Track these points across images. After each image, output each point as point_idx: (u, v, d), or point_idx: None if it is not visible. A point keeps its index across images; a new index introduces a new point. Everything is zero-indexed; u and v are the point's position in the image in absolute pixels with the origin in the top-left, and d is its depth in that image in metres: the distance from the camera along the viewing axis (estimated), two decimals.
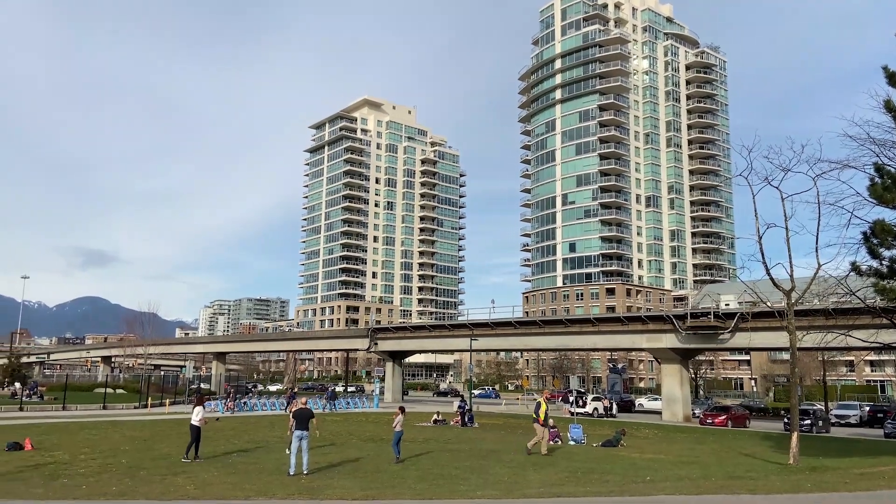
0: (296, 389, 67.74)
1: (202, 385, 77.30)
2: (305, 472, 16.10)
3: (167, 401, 48.90)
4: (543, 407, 22.39)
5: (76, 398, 48.57)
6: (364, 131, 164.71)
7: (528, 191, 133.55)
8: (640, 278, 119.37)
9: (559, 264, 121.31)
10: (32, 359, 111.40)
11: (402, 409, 20.39)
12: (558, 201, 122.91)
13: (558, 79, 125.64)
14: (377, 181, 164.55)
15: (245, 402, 47.73)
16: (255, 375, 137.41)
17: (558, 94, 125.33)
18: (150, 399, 48.65)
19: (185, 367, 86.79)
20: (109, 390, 52.77)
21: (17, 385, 56.21)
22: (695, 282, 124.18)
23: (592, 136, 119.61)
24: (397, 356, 70.65)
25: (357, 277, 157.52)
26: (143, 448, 21.74)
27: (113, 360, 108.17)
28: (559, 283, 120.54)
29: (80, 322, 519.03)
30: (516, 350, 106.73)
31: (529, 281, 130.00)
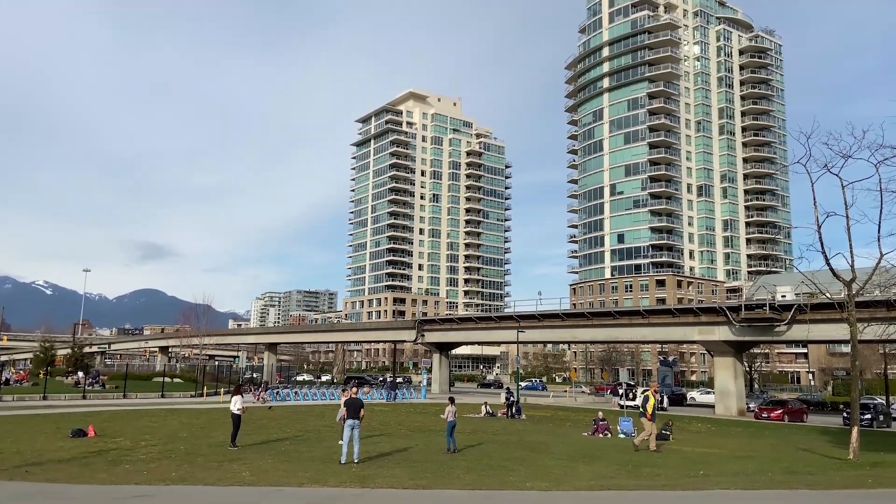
0: (353, 378, 68.38)
1: (255, 375, 79.10)
2: (356, 461, 16.30)
3: (221, 390, 50.24)
4: (651, 401, 21.75)
5: (136, 387, 50.35)
6: (409, 124, 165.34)
7: (574, 181, 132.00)
8: (691, 269, 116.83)
9: (607, 255, 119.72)
10: (94, 349, 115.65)
11: (451, 400, 20.45)
12: (606, 192, 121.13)
13: (606, 67, 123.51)
14: (423, 174, 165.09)
15: (278, 392, 48.36)
16: (306, 366, 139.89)
17: (606, 83, 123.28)
18: (205, 388, 50.11)
19: (238, 357, 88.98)
20: (167, 379, 54.45)
21: (80, 374, 58.46)
22: (749, 273, 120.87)
23: (641, 124, 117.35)
24: (444, 348, 70.95)
25: (403, 270, 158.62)
26: (199, 435, 22.40)
27: (170, 350, 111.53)
28: (607, 274, 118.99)
29: (138, 313, 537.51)
30: (564, 342, 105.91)
31: (576, 273, 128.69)
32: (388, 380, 60.05)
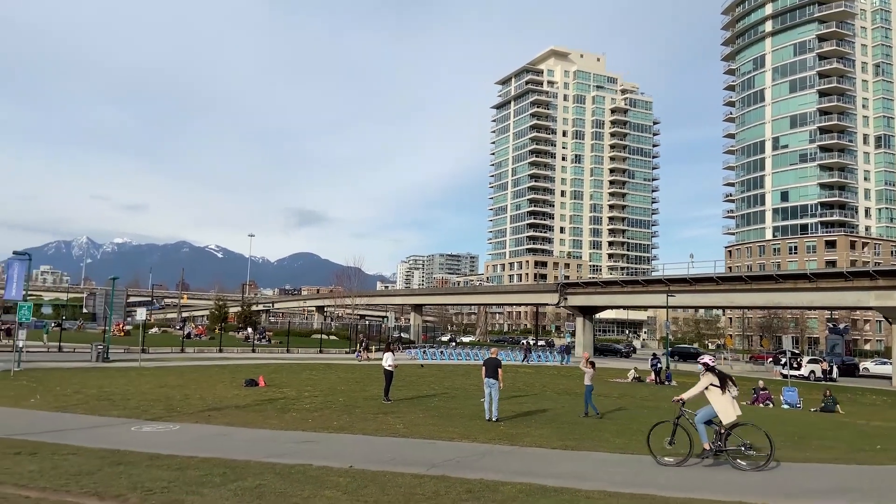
0: (531, 341, 68.44)
1: (402, 335, 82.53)
2: (495, 419, 16.56)
3: (373, 347, 52.95)
4: None
5: (297, 342, 54.41)
6: (550, 83, 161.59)
7: (731, 136, 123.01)
8: (866, 229, 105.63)
9: (768, 215, 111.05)
10: (260, 307, 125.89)
11: (592, 364, 19.92)
12: (768, 146, 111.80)
13: (769, 9, 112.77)
14: (564, 134, 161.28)
15: (425, 351, 49.94)
16: (449, 327, 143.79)
17: (768, 27, 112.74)
18: (358, 345, 53.03)
19: (386, 317, 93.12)
20: (323, 336, 58.27)
21: (250, 330, 64.05)
22: None
23: (809, 70, 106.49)
24: (587, 311, 69.78)
25: (545, 233, 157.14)
26: (356, 389, 23.75)
27: (325, 309, 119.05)
28: (768, 235, 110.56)
29: (296, 275, 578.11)
30: (718, 307, 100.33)
31: (733, 234, 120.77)
32: (525, 342, 60.21)
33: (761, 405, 25.71)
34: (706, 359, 11.93)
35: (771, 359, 56.56)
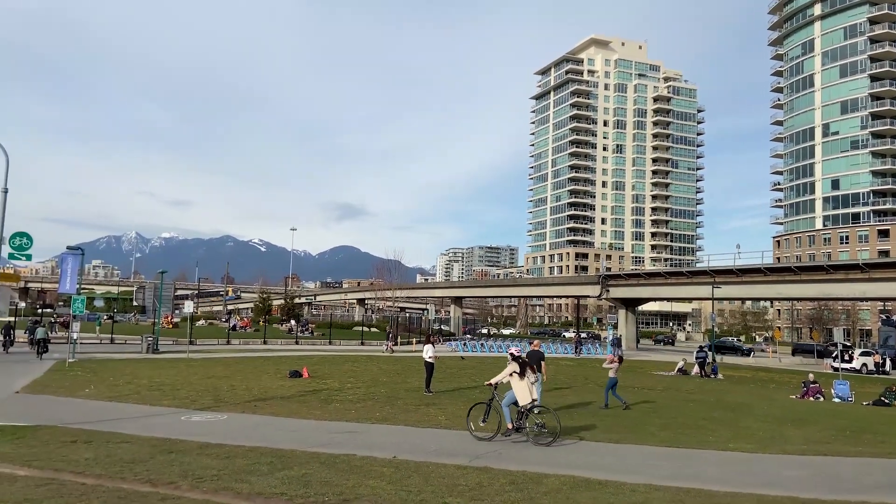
0: (582, 335, 68.14)
1: (442, 327, 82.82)
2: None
3: (413, 340, 53.26)
4: None
5: (338, 335, 55.08)
6: (591, 72, 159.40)
7: (779, 123, 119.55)
8: None
9: (818, 204, 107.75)
10: (302, 300, 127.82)
11: (620, 359, 20.24)
12: (817, 133, 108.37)
13: None
14: (605, 124, 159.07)
15: (465, 343, 49.88)
16: (489, 319, 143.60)
17: (818, 10, 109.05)
18: (398, 338, 53.39)
19: (427, 309, 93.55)
20: (365, 329, 58.83)
21: (293, 322, 65.07)
22: None
23: (861, 54, 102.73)
24: (630, 304, 68.89)
25: (585, 224, 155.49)
26: (397, 381, 23.93)
27: (366, 302, 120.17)
28: (818, 225, 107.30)
29: (337, 268, 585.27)
30: (765, 299, 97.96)
31: (781, 223, 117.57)
32: (577, 334, 59.69)
33: (811, 399, 25.02)
34: (512, 349, 13.60)
35: (818, 352, 55.04)
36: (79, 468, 9.20)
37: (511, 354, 12.98)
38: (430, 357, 20.56)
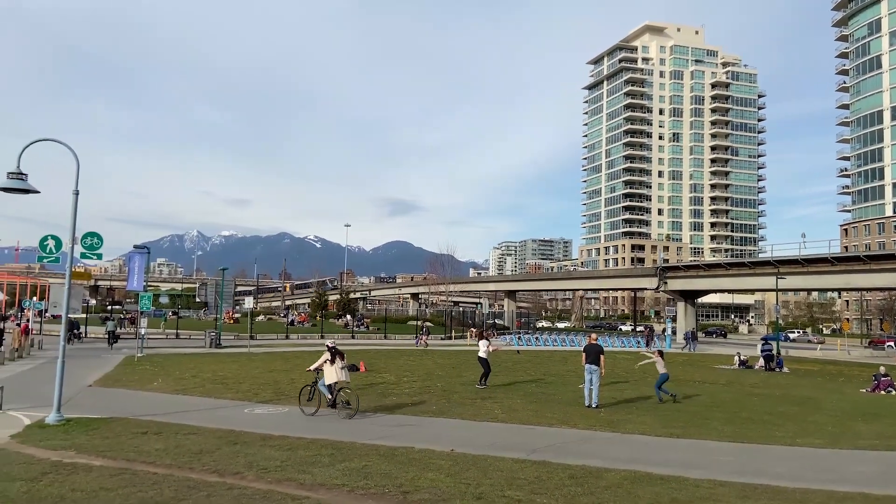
0: (652, 326, 66.87)
1: (496, 321, 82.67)
2: (595, 406, 16.34)
3: (468, 333, 53.31)
4: None
5: (393, 329, 55.61)
6: (645, 60, 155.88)
7: (845, 106, 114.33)
8: None
9: (888, 190, 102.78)
10: (357, 295, 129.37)
11: (660, 353, 19.80)
12: (886, 116, 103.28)
13: None
14: (661, 112, 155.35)
15: (520, 337, 49.50)
16: (543, 313, 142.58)
17: None
18: (453, 332, 53.56)
19: (480, 303, 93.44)
20: (419, 323, 59.22)
21: (349, 317, 66.04)
22: None
23: None
24: (689, 296, 67.23)
25: (641, 215, 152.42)
26: (452, 374, 24.02)
27: (420, 296, 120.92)
28: (888, 212, 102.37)
29: (391, 263, 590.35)
30: (833, 289, 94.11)
31: (848, 211, 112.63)
32: (648, 327, 58.52)
33: (882, 392, 23.93)
34: (328, 342, 15.77)
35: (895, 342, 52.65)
36: (150, 458, 9.57)
37: (327, 346, 14.81)
38: (483, 353, 20.57)
